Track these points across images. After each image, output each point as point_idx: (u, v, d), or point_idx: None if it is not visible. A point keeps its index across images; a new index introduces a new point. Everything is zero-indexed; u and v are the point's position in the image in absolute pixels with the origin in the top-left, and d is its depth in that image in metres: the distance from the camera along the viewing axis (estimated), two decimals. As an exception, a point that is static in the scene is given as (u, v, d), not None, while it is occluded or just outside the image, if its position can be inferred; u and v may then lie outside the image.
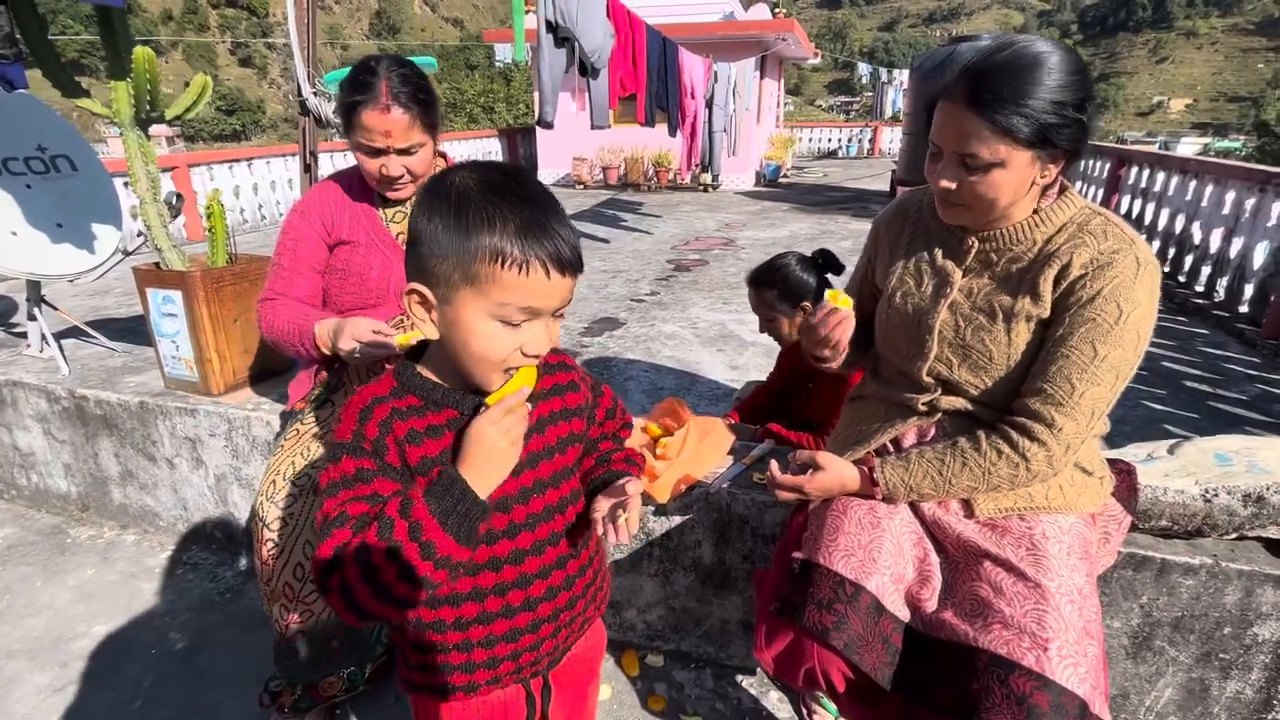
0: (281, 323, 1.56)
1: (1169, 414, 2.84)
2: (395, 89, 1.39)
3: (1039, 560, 1.09)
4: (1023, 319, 1.13)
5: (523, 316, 0.74)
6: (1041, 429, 1.09)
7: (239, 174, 7.47)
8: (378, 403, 0.81)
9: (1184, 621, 1.40)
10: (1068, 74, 1.03)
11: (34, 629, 1.95)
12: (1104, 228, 1.11)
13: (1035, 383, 1.11)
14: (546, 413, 0.89)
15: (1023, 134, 1.02)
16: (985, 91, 1.02)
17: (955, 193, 1.11)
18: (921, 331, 1.23)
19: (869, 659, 1.08)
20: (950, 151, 1.09)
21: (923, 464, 1.17)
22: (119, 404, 2.21)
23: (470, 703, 0.91)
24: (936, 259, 1.24)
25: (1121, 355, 1.07)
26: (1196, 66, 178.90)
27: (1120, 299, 1.06)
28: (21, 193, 2.33)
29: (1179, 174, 5.26)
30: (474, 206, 0.71)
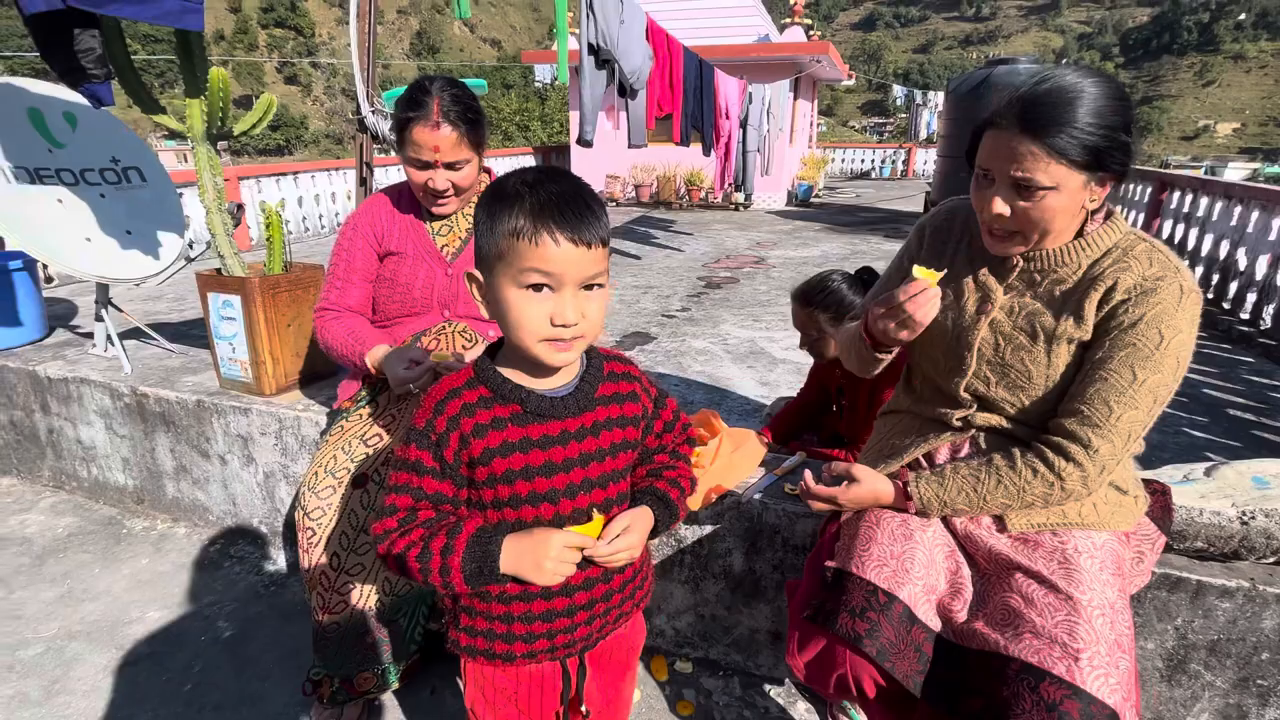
0: (335, 340, 1.67)
1: (1210, 442, 2.78)
2: (446, 107, 1.49)
3: (1071, 574, 1.10)
4: (1064, 340, 1.15)
5: (541, 280, 0.82)
6: (1078, 450, 1.11)
7: (285, 187, 7.76)
8: (452, 396, 0.90)
9: (1220, 645, 1.39)
10: (1112, 99, 1.06)
11: (92, 613, 2.06)
12: (1149, 254, 1.13)
13: (1073, 404, 1.13)
14: (603, 418, 0.95)
15: (1076, 156, 1.05)
16: (1039, 117, 1.05)
17: (1007, 219, 1.13)
18: (961, 348, 1.25)
19: (901, 666, 1.10)
20: (1004, 177, 1.11)
21: (958, 480, 1.19)
22: (177, 402, 2.33)
23: (509, 670, 0.99)
24: (980, 275, 1.26)
25: (1160, 380, 1.08)
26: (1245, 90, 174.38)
27: (1162, 325, 1.07)
28: (96, 201, 2.49)
29: (1223, 199, 5.16)
30: (506, 196, 0.83)
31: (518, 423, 0.89)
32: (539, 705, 1.02)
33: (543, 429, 0.90)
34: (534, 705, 1.01)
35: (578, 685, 1.02)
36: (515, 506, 0.91)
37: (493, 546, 0.87)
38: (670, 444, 1.09)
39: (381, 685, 1.61)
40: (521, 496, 0.91)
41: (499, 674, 1.00)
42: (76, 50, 1.67)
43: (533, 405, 0.90)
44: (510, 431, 0.89)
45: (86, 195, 2.46)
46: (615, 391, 0.97)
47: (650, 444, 1.06)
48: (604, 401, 0.95)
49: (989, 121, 1.13)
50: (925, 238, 1.38)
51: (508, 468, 0.89)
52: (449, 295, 1.70)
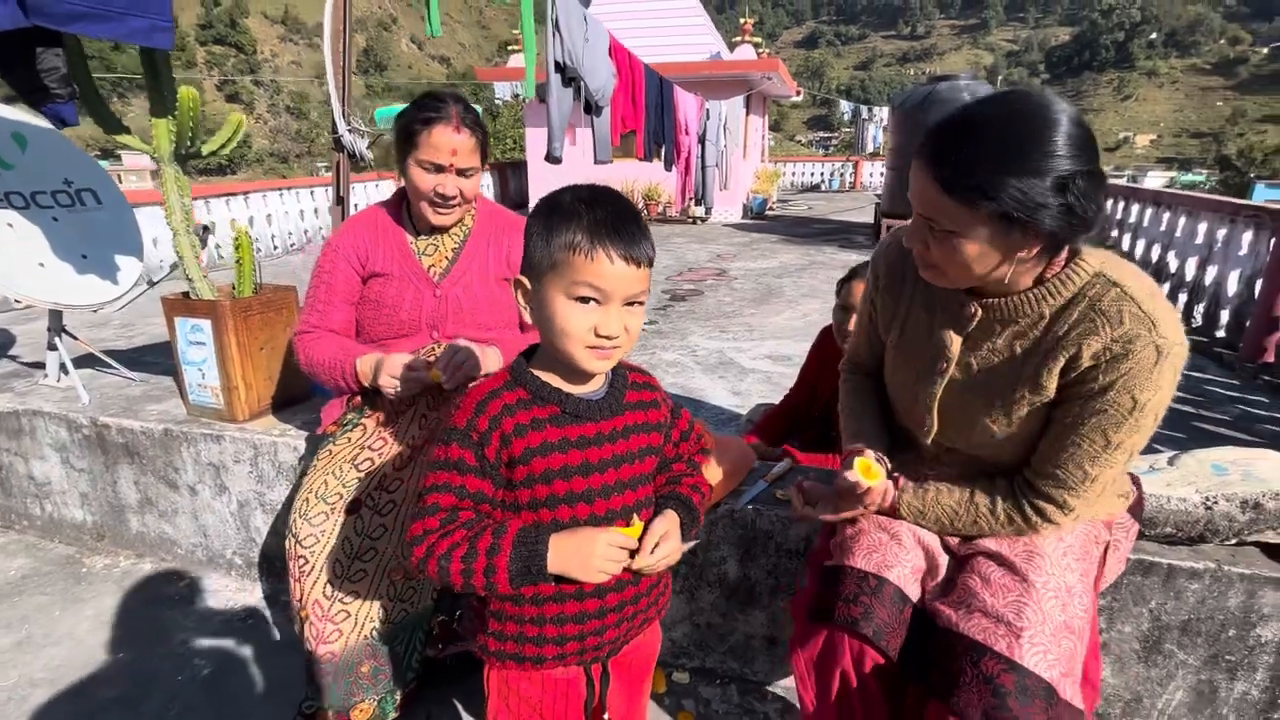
0: (320, 356, 1.63)
1: (1156, 434, 2.94)
2: (464, 114, 1.53)
3: (1032, 557, 1.14)
4: (1026, 406, 1.10)
5: (591, 294, 0.86)
6: (1053, 510, 1.12)
7: (235, 208, 7.54)
8: (492, 397, 0.93)
9: (1191, 625, 1.47)
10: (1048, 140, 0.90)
11: (55, 658, 1.95)
12: (1118, 307, 0.99)
13: (1047, 467, 1.10)
14: (631, 422, 0.99)
15: (980, 206, 0.92)
16: (943, 154, 0.94)
17: (926, 254, 1.06)
18: (920, 409, 1.25)
19: (895, 645, 1.13)
20: (917, 212, 1.03)
21: (938, 506, 1.22)
22: (142, 431, 2.23)
23: (536, 675, 1.00)
24: (936, 324, 1.19)
25: (1136, 440, 1.04)
26: (1159, 104, 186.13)
27: (1135, 390, 0.99)
28: (49, 225, 2.38)
29: (1152, 206, 5.50)
30: (563, 211, 0.88)
31: (556, 424, 0.92)
32: (563, 713, 1.02)
33: (580, 430, 0.94)
34: (558, 714, 1.02)
35: (601, 692, 1.03)
36: (553, 506, 0.93)
37: (540, 545, 0.89)
38: (686, 453, 1.12)
39: (380, 715, 1.57)
40: (559, 496, 0.93)
41: (524, 682, 1.00)
42: (39, 70, 1.61)
43: (570, 407, 0.93)
44: (549, 432, 0.92)
45: (38, 219, 2.36)
46: (640, 399, 1.01)
47: (668, 453, 1.09)
48: (631, 407, 0.99)
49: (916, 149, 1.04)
50: (880, 278, 1.32)
51: (547, 467, 0.91)
52: (437, 316, 1.69)
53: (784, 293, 6.21)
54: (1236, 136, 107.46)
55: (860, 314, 1.47)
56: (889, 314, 1.31)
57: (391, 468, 1.57)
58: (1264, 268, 3.95)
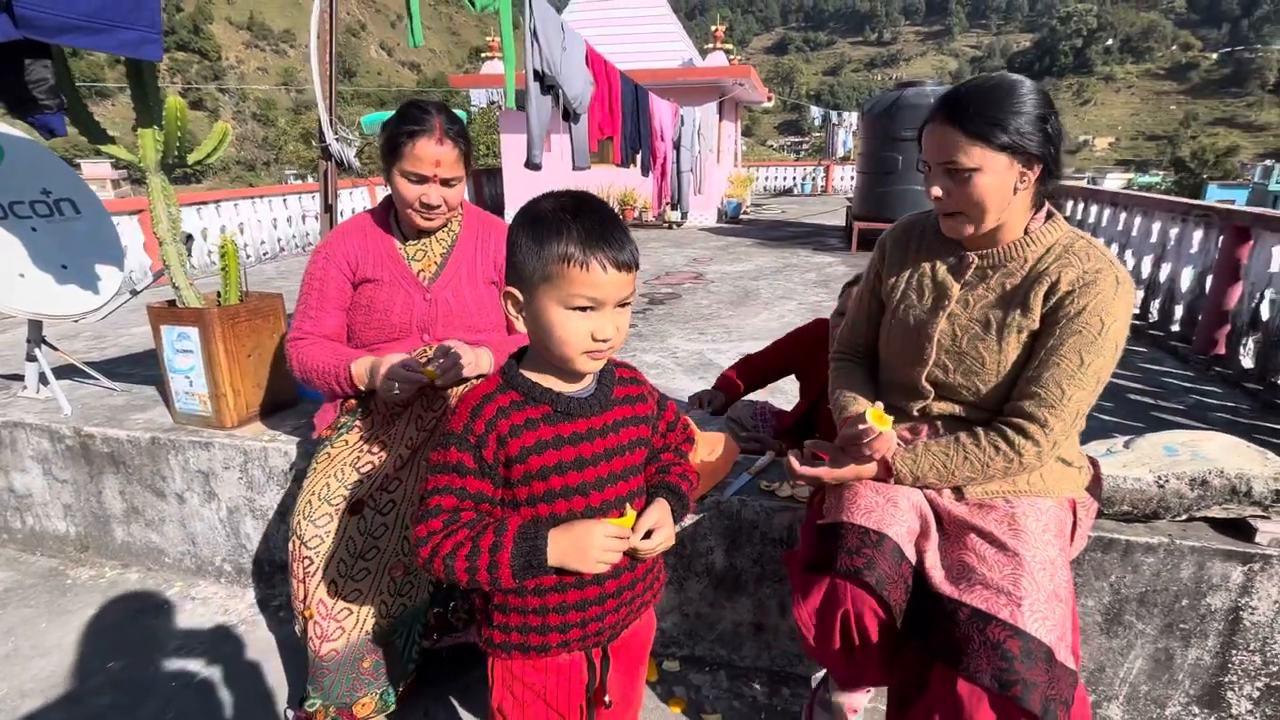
0: (314, 361, 1.66)
1: (1117, 424, 3.09)
2: (447, 126, 1.57)
3: (1018, 534, 1.24)
4: (1014, 330, 1.29)
5: (587, 303, 0.91)
6: (1035, 428, 1.25)
7: (206, 216, 7.45)
8: (486, 401, 0.97)
9: (1148, 596, 1.58)
10: (1024, 92, 1.22)
11: (44, 669, 1.94)
12: (1087, 250, 1.27)
13: (1029, 387, 1.26)
14: (620, 416, 1.04)
15: (995, 139, 1.19)
16: (959, 108, 1.21)
17: (947, 200, 1.27)
18: (922, 340, 1.39)
19: (895, 595, 1.22)
20: (936, 164, 1.26)
21: (929, 456, 1.33)
22: (129, 440, 2.23)
23: (540, 662, 1.05)
24: (938, 274, 1.40)
25: (1103, 363, 1.23)
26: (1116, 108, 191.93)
27: (1103, 313, 1.21)
28: (27, 235, 2.37)
29: (1110, 206, 5.73)
30: (548, 222, 0.91)
31: (549, 422, 0.97)
32: (566, 698, 1.07)
33: (572, 427, 0.99)
34: (561, 698, 1.07)
35: (602, 676, 1.09)
36: (550, 501, 0.98)
37: (539, 540, 0.94)
38: (673, 443, 1.18)
39: (382, 708, 1.60)
40: (555, 491, 0.98)
41: (528, 670, 1.05)
42: (28, 80, 1.62)
43: (561, 405, 0.98)
44: (543, 430, 0.97)
45: (17, 229, 2.34)
46: (627, 394, 1.07)
47: (656, 443, 1.15)
48: (619, 402, 1.05)
49: (927, 117, 1.29)
50: (886, 251, 1.52)
51: (543, 464, 0.96)
52: (428, 319, 1.73)
53: (760, 295, 6.33)
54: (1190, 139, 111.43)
55: (859, 292, 1.61)
56: (894, 272, 1.48)
57: (391, 468, 1.61)
58: (1213, 264, 4.15)
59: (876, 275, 1.54)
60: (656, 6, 12.71)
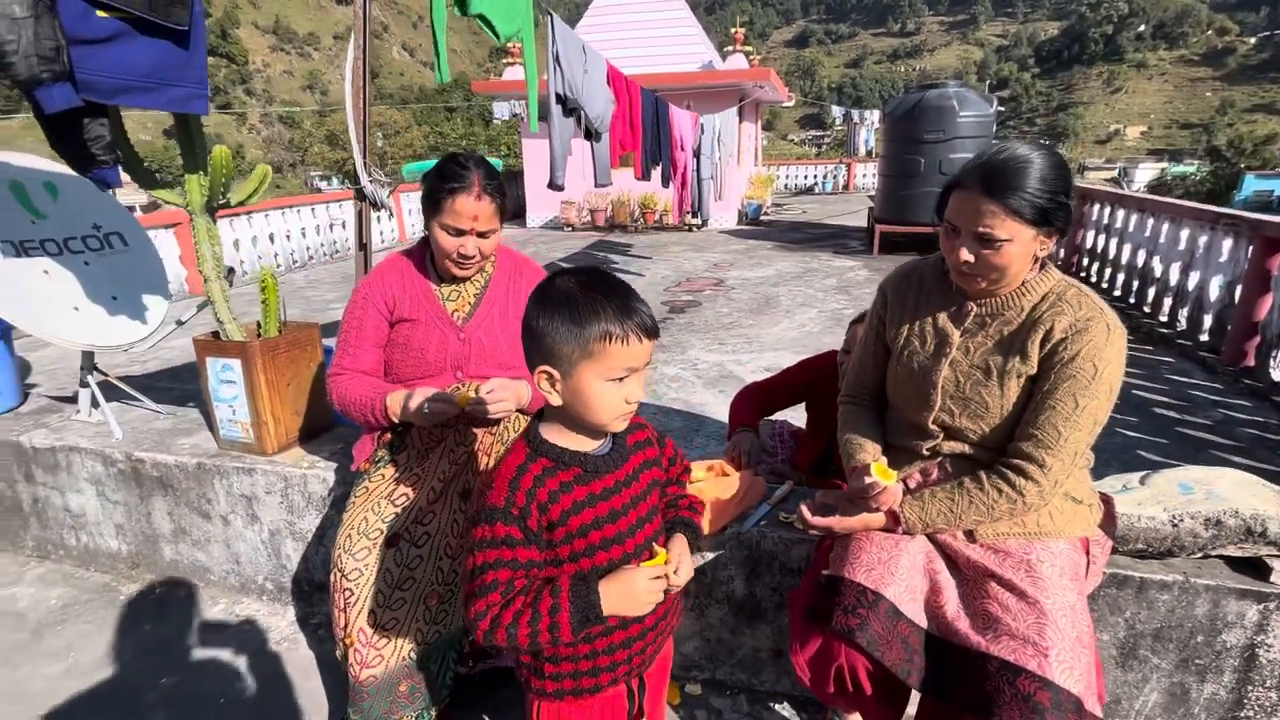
0: (353, 395, 1.75)
1: (1140, 440, 3.08)
2: (485, 181, 1.65)
3: (1036, 581, 1.30)
4: (1014, 376, 1.35)
5: (624, 374, 1.00)
6: (1034, 469, 1.31)
7: (239, 228, 7.66)
8: (521, 472, 1.04)
9: (1163, 632, 1.60)
10: (1055, 168, 1.28)
11: (103, 684, 2.06)
12: (1078, 298, 1.33)
13: (1027, 429, 1.33)
14: (638, 463, 1.14)
15: (1028, 215, 1.26)
16: (998, 182, 1.26)
17: (973, 264, 1.33)
18: (926, 386, 1.45)
19: (889, 655, 1.28)
20: (968, 230, 1.31)
21: (935, 502, 1.38)
22: (176, 465, 2.35)
23: (592, 701, 1.15)
24: (939, 321, 1.46)
25: (1098, 405, 1.29)
26: (1149, 96, 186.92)
27: (1095, 359, 1.27)
28: (81, 269, 2.50)
29: (1137, 212, 5.65)
30: (583, 303, 0.99)
31: (581, 482, 1.06)
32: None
33: (601, 483, 1.07)
34: None
35: (640, 701, 1.21)
36: (591, 555, 1.07)
37: (593, 595, 1.02)
38: (675, 475, 1.29)
39: (418, 730, 1.69)
40: (595, 545, 1.06)
41: (576, 710, 1.15)
42: (86, 139, 1.73)
43: (590, 465, 1.07)
44: (577, 491, 1.05)
45: (71, 264, 2.48)
46: (637, 440, 1.17)
47: (663, 478, 1.24)
48: (634, 450, 1.14)
49: (956, 182, 1.35)
50: (888, 299, 1.58)
51: (581, 523, 1.05)
52: (461, 358, 1.81)
53: (780, 302, 6.34)
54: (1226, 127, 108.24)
55: (864, 337, 1.67)
56: (897, 320, 1.53)
57: (425, 501, 1.70)
58: (1243, 274, 4.09)
59: (880, 320, 1.60)
60: (676, 9, 12.72)
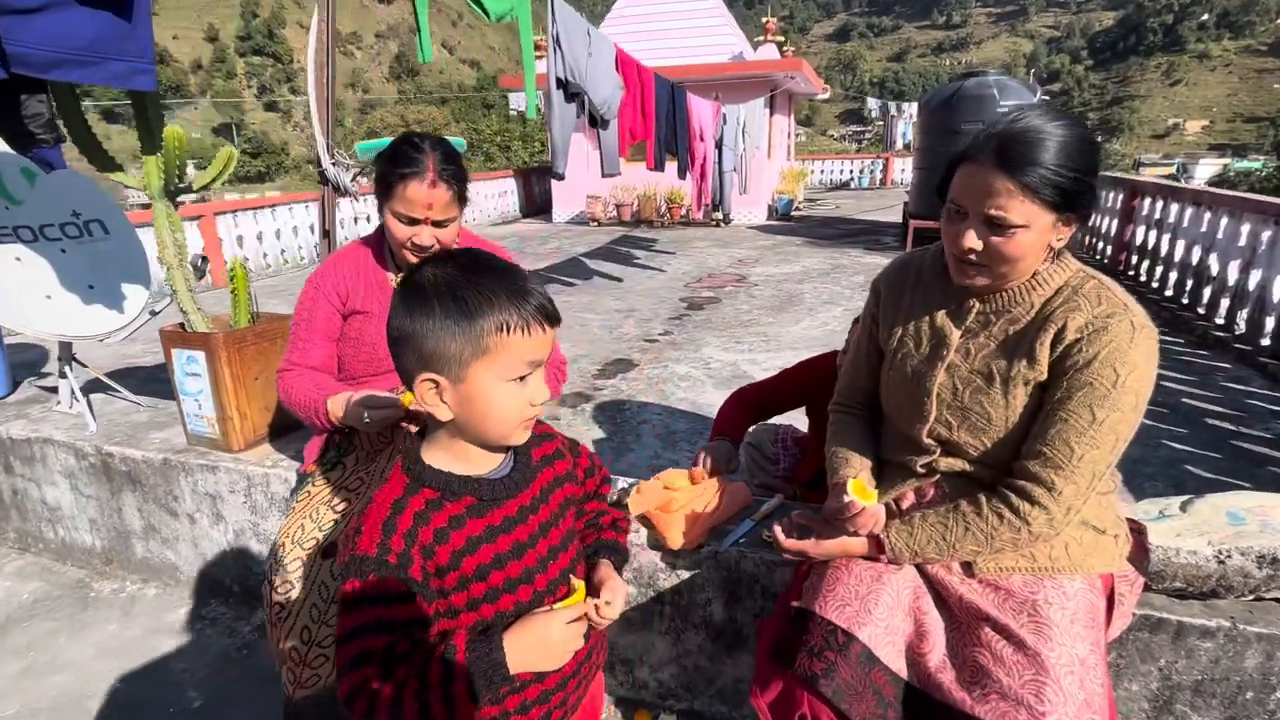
0: (297, 394, 1.62)
1: (1190, 454, 2.79)
2: (440, 166, 1.49)
3: (1040, 628, 1.09)
4: (1020, 382, 1.14)
5: (528, 370, 0.82)
6: (1041, 492, 1.10)
7: (262, 221, 7.71)
8: (398, 509, 0.84)
9: (1204, 685, 1.37)
10: (1082, 142, 1.07)
11: (56, 687, 1.99)
12: (1098, 292, 1.12)
13: (1034, 445, 1.12)
14: (546, 481, 0.95)
15: (1048, 196, 1.05)
16: (1014, 155, 1.05)
17: (979, 253, 1.12)
18: (921, 394, 1.24)
19: (859, 709, 1.09)
20: (976, 212, 1.10)
21: (926, 528, 1.18)
22: (143, 460, 2.27)
23: None
24: (936, 320, 1.26)
25: (1120, 418, 1.07)
26: (1211, 88, 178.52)
27: (1116, 363, 1.06)
28: (56, 257, 2.44)
29: (1192, 205, 5.24)
30: (469, 290, 0.79)
31: (475, 514, 0.87)
32: None
33: (501, 512, 0.88)
34: None
35: None
36: (493, 600, 0.88)
37: (496, 653, 0.82)
38: (594, 488, 1.10)
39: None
40: (498, 588, 0.87)
41: None
42: (24, 116, 1.64)
43: (486, 492, 0.87)
44: (471, 526, 0.86)
45: (46, 252, 2.42)
46: (544, 453, 0.98)
47: (579, 493, 1.06)
48: (540, 466, 0.95)
49: (964, 155, 1.12)
50: (881, 296, 1.38)
51: (478, 564, 0.86)
52: None
53: (804, 300, 6.09)
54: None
55: (857, 340, 1.47)
56: (890, 319, 1.34)
57: (365, 509, 1.55)
58: (1311, 272, 3.72)
59: (873, 319, 1.40)
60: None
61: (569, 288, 6.67)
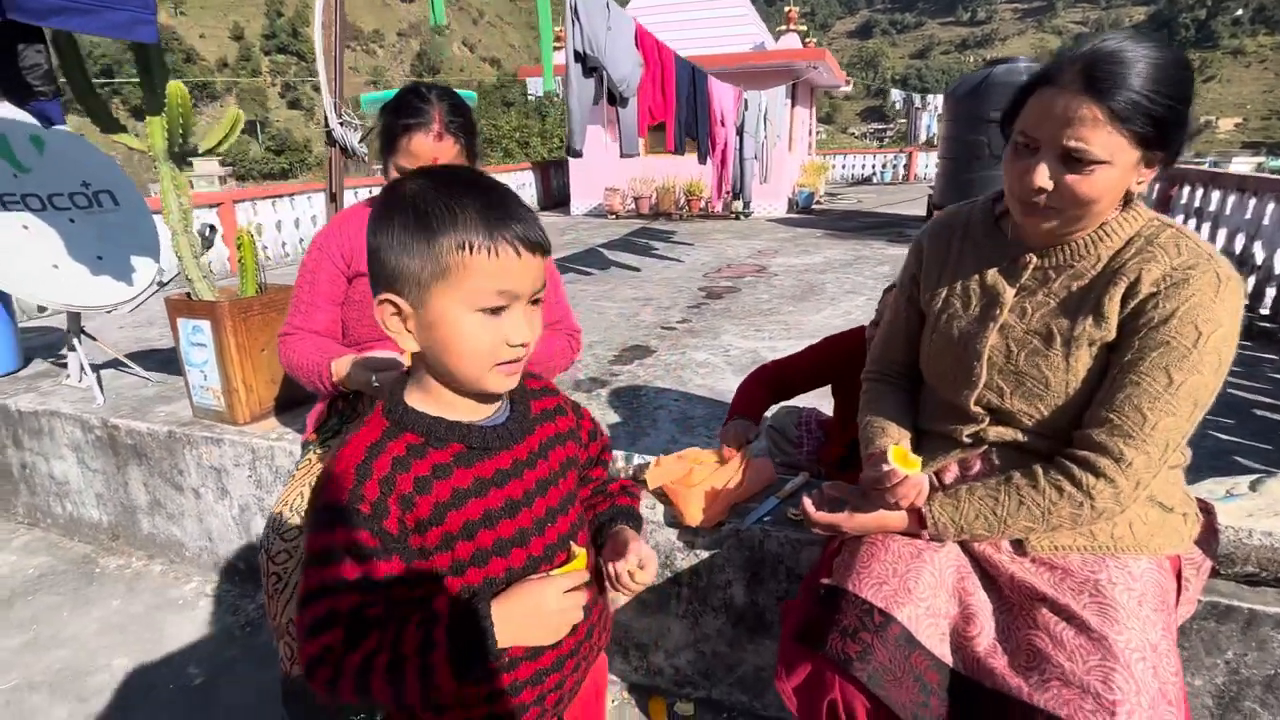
0: (299, 358, 1.56)
1: (1238, 445, 2.64)
2: (447, 118, 1.42)
3: (1105, 609, 0.98)
4: (1084, 343, 1.03)
5: (499, 301, 0.72)
6: (1108, 463, 0.98)
7: (281, 209, 7.72)
8: (374, 453, 0.74)
9: (1277, 681, 1.24)
10: (1180, 68, 0.95)
11: (57, 661, 1.94)
12: (1176, 241, 1.00)
13: (1101, 412, 1.00)
14: (545, 437, 0.85)
15: (1139, 127, 0.93)
16: (1106, 76, 0.92)
17: (1049, 194, 0.99)
18: (969, 357, 1.13)
19: (897, 695, 0.98)
20: (1052, 144, 0.97)
21: (974, 501, 1.07)
22: (148, 433, 2.22)
23: None
24: (986, 278, 1.14)
25: (1200, 381, 0.96)
26: (1245, 85, 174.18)
27: (1199, 319, 0.95)
28: (65, 227, 2.40)
29: (1236, 192, 5.02)
30: (432, 203, 0.70)
31: (464, 463, 0.76)
32: None
33: (493, 464, 0.79)
34: None
35: None
36: (481, 563, 0.78)
37: (484, 622, 0.72)
38: (596, 453, 1.01)
39: (355, 739, 1.48)
40: (487, 549, 0.77)
41: None
42: (21, 66, 1.58)
43: (476, 439, 0.77)
44: (458, 476, 0.76)
45: (54, 221, 2.38)
46: (544, 408, 0.88)
47: (582, 457, 0.96)
48: (540, 420, 0.86)
49: (1042, 78, 0.99)
50: (924, 253, 1.27)
51: (465, 519, 0.76)
52: None
53: (825, 290, 5.95)
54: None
55: (894, 301, 1.36)
56: (934, 278, 1.24)
57: (367, 478, 1.48)
58: (1368, 258, 3.52)
59: (914, 280, 1.28)
60: (729, -11, 12.30)
61: (585, 277, 6.58)
